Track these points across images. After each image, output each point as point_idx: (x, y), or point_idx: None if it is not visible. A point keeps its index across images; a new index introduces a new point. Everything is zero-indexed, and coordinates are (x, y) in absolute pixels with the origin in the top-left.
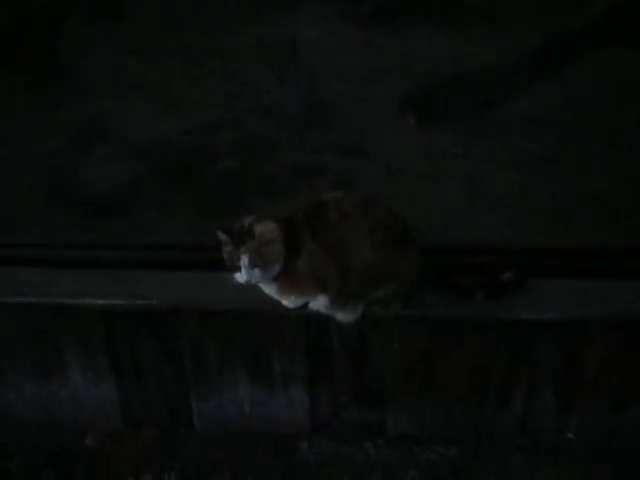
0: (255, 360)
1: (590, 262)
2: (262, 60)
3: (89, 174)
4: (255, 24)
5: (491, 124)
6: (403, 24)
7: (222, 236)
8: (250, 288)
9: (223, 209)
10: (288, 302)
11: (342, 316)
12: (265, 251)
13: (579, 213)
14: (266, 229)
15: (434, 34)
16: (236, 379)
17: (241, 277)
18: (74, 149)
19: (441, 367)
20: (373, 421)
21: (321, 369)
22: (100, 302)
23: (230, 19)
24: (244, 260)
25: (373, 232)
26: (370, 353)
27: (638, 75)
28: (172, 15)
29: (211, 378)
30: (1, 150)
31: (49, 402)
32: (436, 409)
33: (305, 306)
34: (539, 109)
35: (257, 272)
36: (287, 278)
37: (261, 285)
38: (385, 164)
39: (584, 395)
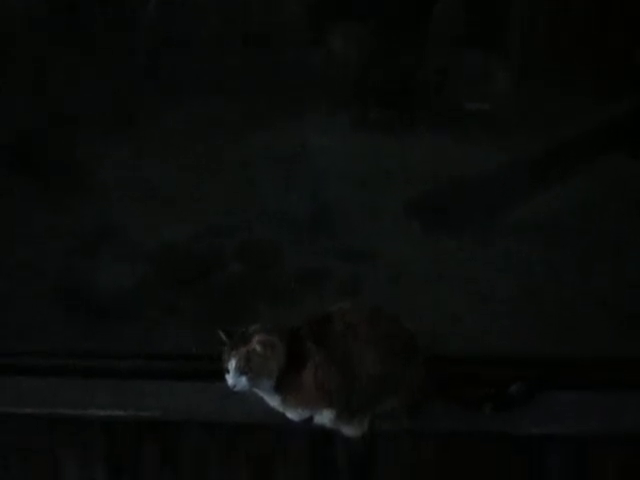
0: (258, 473)
1: (600, 373)
2: (270, 166)
3: (95, 278)
4: (263, 130)
5: (494, 229)
6: (407, 131)
7: (223, 336)
8: (257, 400)
9: (228, 315)
10: (293, 415)
11: (348, 430)
12: (255, 362)
13: (585, 320)
14: (264, 341)
15: (437, 141)
16: None
17: (228, 380)
18: (81, 253)
19: None
20: None
21: None
22: (101, 413)
23: (240, 125)
24: (231, 364)
25: (378, 344)
26: (376, 467)
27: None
28: (183, 123)
29: None
30: (6, 253)
31: None
32: None
33: (310, 420)
34: (541, 214)
35: (244, 380)
36: (291, 391)
37: (265, 397)
38: (390, 269)
39: None
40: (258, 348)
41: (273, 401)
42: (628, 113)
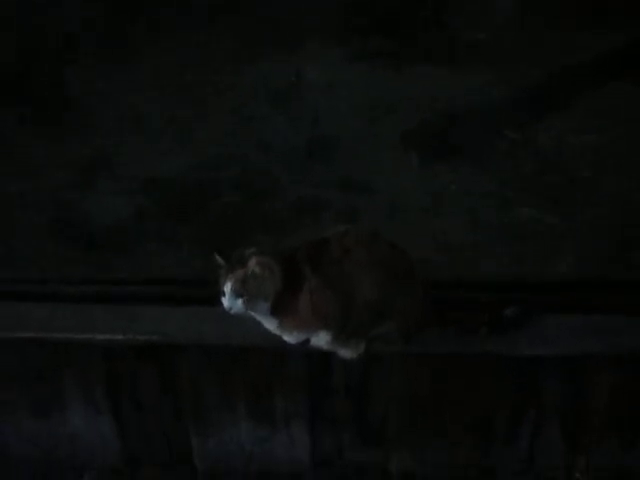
0: (256, 397)
1: (594, 296)
2: (266, 96)
3: (91, 209)
4: (259, 61)
5: (492, 159)
6: (405, 62)
7: (218, 259)
8: (255, 324)
9: (225, 244)
10: (289, 338)
11: (344, 353)
12: (251, 284)
13: (581, 246)
14: (261, 264)
15: (436, 72)
16: (236, 416)
17: (224, 303)
18: (76, 184)
19: (444, 404)
20: (376, 460)
21: (323, 406)
22: (99, 337)
23: (234, 56)
24: (227, 287)
25: (375, 268)
26: (372, 390)
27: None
28: (176, 53)
29: (211, 415)
30: (3, 184)
31: (47, 439)
32: (440, 447)
33: (307, 342)
34: (539, 145)
35: (240, 303)
36: (287, 313)
37: (261, 320)
38: (388, 199)
39: (592, 432)
40: (256, 269)
41: (269, 324)
42: (626, 42)
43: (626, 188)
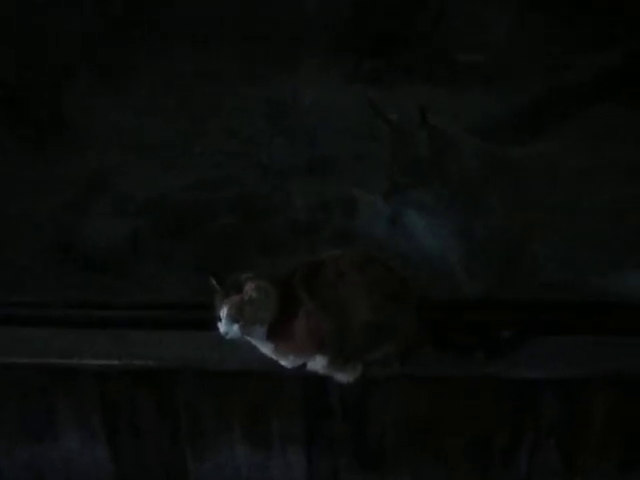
0: (252, 421)
1: (590, 318)
2: (262, 118)
3: (87, 231)
4: (255, 82)
5: (490, 178)
6: (401, 83)
7: (214, 283)
8: (251, 348)
9: (222, 266)
10: (286, 362)
11: (341, 376)
12: (247, 310)
13: (575, 270)
14: (257, 289)
15: (431, 93)
16: (232, 440)
17: (220, 328)
18: (72, 206)
19: (442, 427)
20: None
21: (320, 430)
22: (95, 362)
23: (231, 77)
24: (224, 312)
25: (371, 291)
26: (369, 414)
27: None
28: (172, 74)
29: (207, 439)
30: (0, 208)
31: (41, 464)
32: (438, 470)
33: (304, 366)
34: (537, 164)
35: (236, 328)
36: (283, 338)
37: (257, 344)
38: (383, 220)
39: (590, 454)
40: (252, 294)
41: (265, 349)
42: (624, 61)
43: (619, 207)
